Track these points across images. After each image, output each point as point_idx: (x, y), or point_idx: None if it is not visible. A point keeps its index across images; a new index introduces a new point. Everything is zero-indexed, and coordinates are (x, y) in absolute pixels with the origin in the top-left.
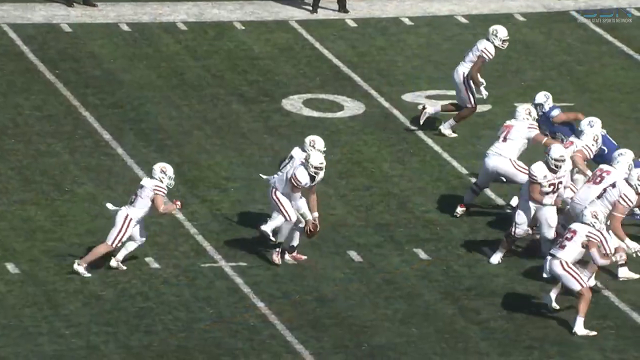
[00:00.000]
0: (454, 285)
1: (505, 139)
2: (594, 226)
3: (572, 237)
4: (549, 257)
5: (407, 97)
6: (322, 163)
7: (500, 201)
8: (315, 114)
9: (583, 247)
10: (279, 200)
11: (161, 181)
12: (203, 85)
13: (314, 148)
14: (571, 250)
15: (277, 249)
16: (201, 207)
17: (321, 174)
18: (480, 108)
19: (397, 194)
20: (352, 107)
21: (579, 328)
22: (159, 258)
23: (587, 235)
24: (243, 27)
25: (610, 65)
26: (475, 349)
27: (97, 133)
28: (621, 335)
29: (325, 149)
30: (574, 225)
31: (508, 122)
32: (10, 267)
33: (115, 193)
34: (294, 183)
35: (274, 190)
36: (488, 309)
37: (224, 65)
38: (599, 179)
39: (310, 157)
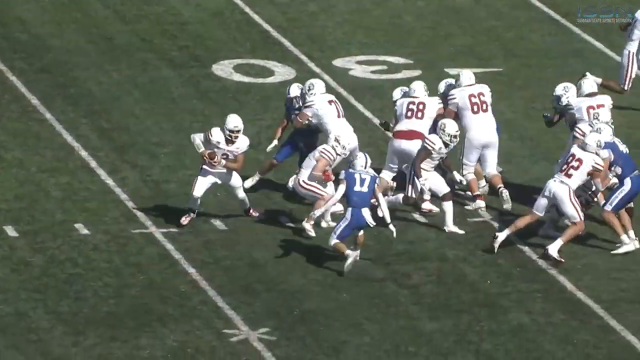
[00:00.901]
0: (384, 250)
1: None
2: (597, 154)
3: (578, 166)
4: (555, 180)
5: (338, 62)
6: (457, 131)
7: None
8: (246, 79)
9: (588, 175)
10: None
11: (334, 148)
12: (132, 50)
13: (444, 131)
14: (577, 179)
15: (191, 214)
16: (131, 172)
17: (453, 144)
18: (410, 73)
19: None
20: (282, 73)
21: (553, 248)
22: (88, 224)
23: (593, 166)
24: None
25: (537, 30)
26: (405, 313)
27: (25, 98)
28: (548, 298)
29: (457, 132)
30: (579, 154)
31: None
32: None
33: (44, 158)
34: (429, 146)
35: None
36: (418, 273)
37: (154, 30)
38: None
39: (446, 125)
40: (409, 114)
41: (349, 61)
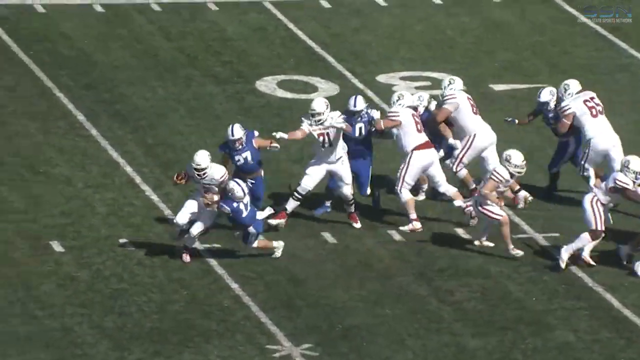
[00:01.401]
0: (427, 266)
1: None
2: (625, 174)
3: (607, 179)
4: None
5: (381, 78)
6: (524, 161)
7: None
8: (289, 95)
9: (612, 191)
10: None
11: (507, 168)
12: (177, 67)
13: (510, 162)
14: (602, 191)
15: (184, 251)
16: (175, 188)
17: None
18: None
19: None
20: (326, 89)
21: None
22: (133, 239)
23: (614, 181)
24: (217, 8)
25: (583, 45)
26: (448, 330)
27: (72, 114)
28: (594, 316)
29: (524, 162)
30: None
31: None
32: None
33: (90, 174)
34: (495, 179)
35: None
36: (462, 289)
37: (198, 46)
38: None
39: (511, 156)
40: (418, 127)
41: (393, 77)
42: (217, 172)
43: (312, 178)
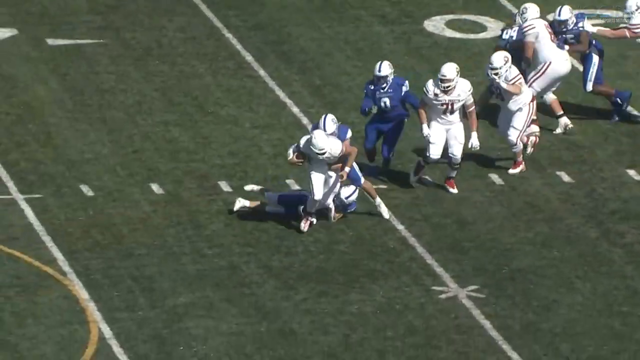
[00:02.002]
0: (597, 208)
1: None
2: None
3: None
4: None
5: (551, 17)
6: None
7: None
8: (458, 35)
9: None
10: None
11: None
12: (345, 7)
13: None
14: None
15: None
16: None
17: None
18: None
19: (538, 117)
20: (495, 28)
21: None
22: (299, 180)
23: None
24: None
25: None
26: (619, 273)
27: (239, 55)
28: None
29: None
30: None
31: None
32: (155, 187)
33: (257, 115)
34: None
35: None
36: (633, 232)
37: None
38: None
39: None
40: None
41: None
42: (335, 148)
43: (437, 146)
